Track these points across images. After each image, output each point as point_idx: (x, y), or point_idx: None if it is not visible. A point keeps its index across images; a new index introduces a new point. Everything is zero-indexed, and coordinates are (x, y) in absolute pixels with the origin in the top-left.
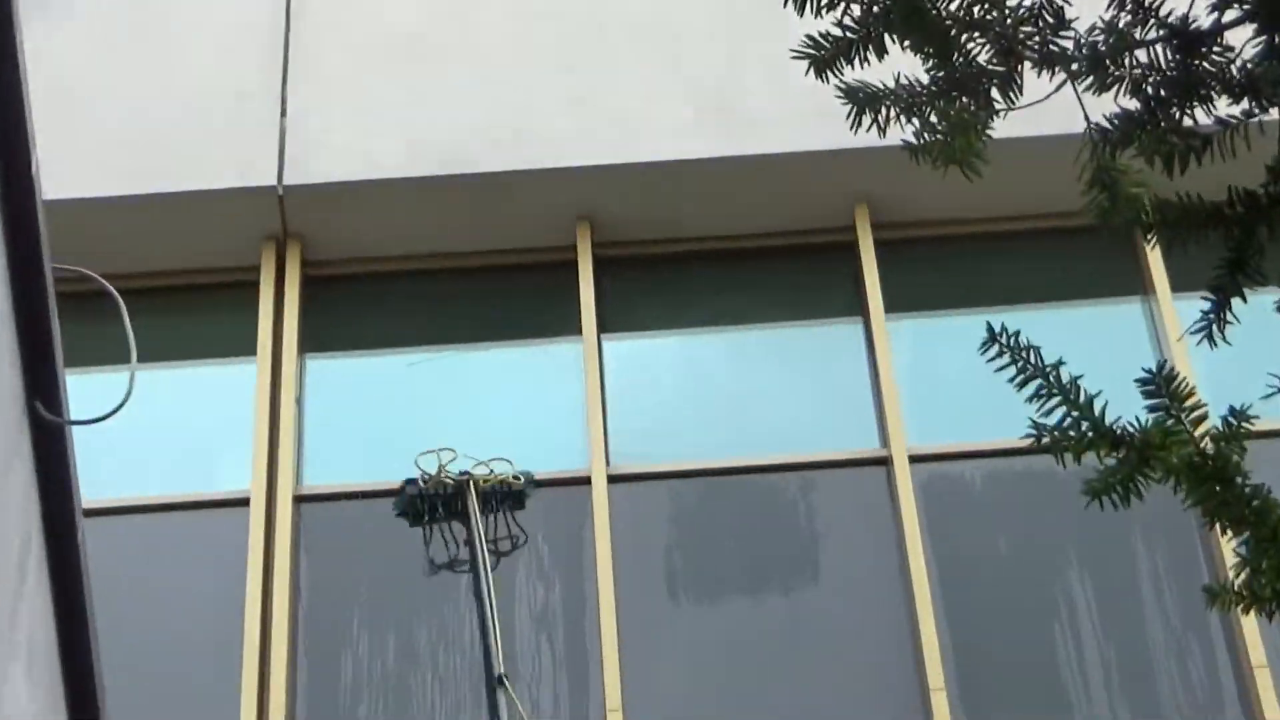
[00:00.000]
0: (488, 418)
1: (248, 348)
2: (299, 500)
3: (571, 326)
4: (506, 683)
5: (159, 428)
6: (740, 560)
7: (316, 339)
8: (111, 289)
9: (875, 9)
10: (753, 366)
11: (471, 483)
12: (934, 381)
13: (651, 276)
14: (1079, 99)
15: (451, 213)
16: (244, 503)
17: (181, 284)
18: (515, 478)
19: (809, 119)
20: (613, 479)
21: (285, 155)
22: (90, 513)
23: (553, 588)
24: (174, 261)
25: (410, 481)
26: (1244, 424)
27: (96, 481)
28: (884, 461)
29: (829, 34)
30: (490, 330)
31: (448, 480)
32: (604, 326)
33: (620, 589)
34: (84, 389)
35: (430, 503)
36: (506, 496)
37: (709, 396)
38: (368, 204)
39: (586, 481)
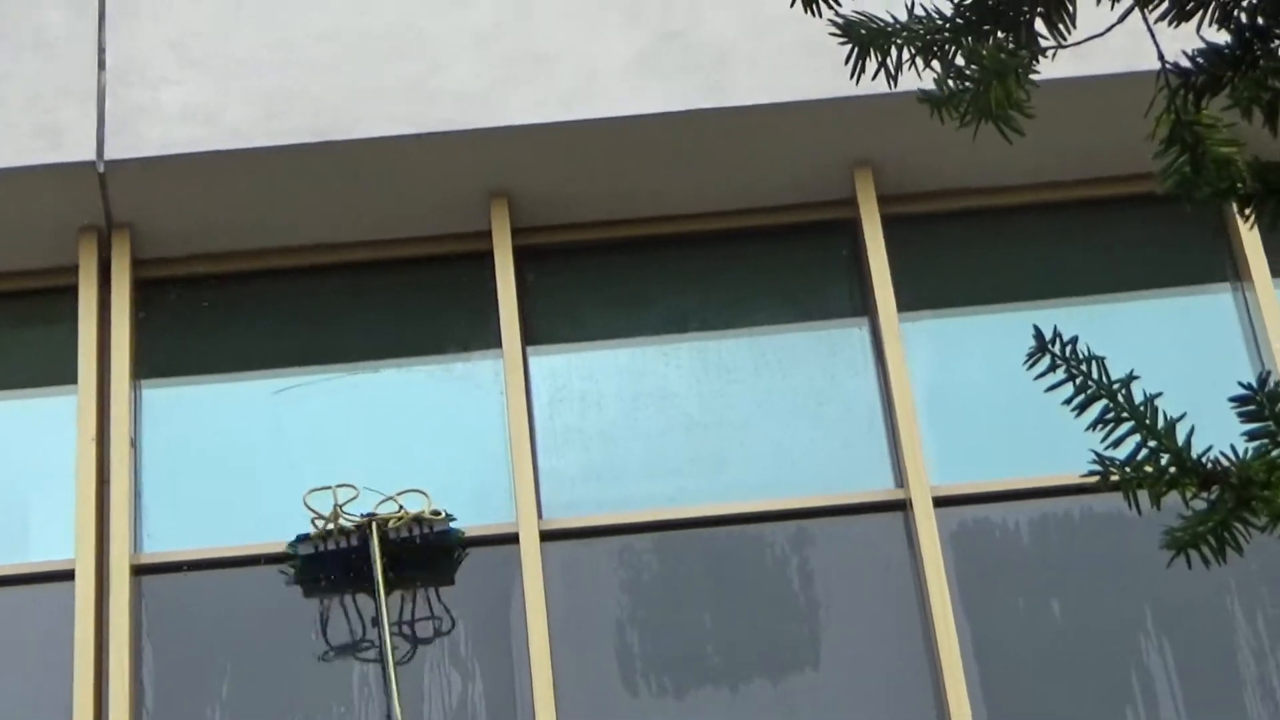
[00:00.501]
0: (381, 459)
1: (64, 374)
2: (138, 571)
3: (487, 337)
4: None
5: None
6: (718, 639)
7: (155, 361)
8: None
9: None
10: (727, 385)
11: (374, 527)
12: (963, 401)
13: (590, 270)
14: (1150, 30)
15: (326, 193)
16: (66, 576)
17: None
18: (435, 513)
19: (795, 61)
20: (547, 535)
21: (105, 120)
22: None
23: (472, 679)
24: None
25: (302, 539)
26: None
27: None
28: (901, 506)
29: None
30: (382, 345)
31: (346, 524)
32: (530, 336)
33: (560, 680)
34: None
35: (325, 561)
36: (424, 545)
37: (670, 425)
38: (216, 183)
39: (513, 539)
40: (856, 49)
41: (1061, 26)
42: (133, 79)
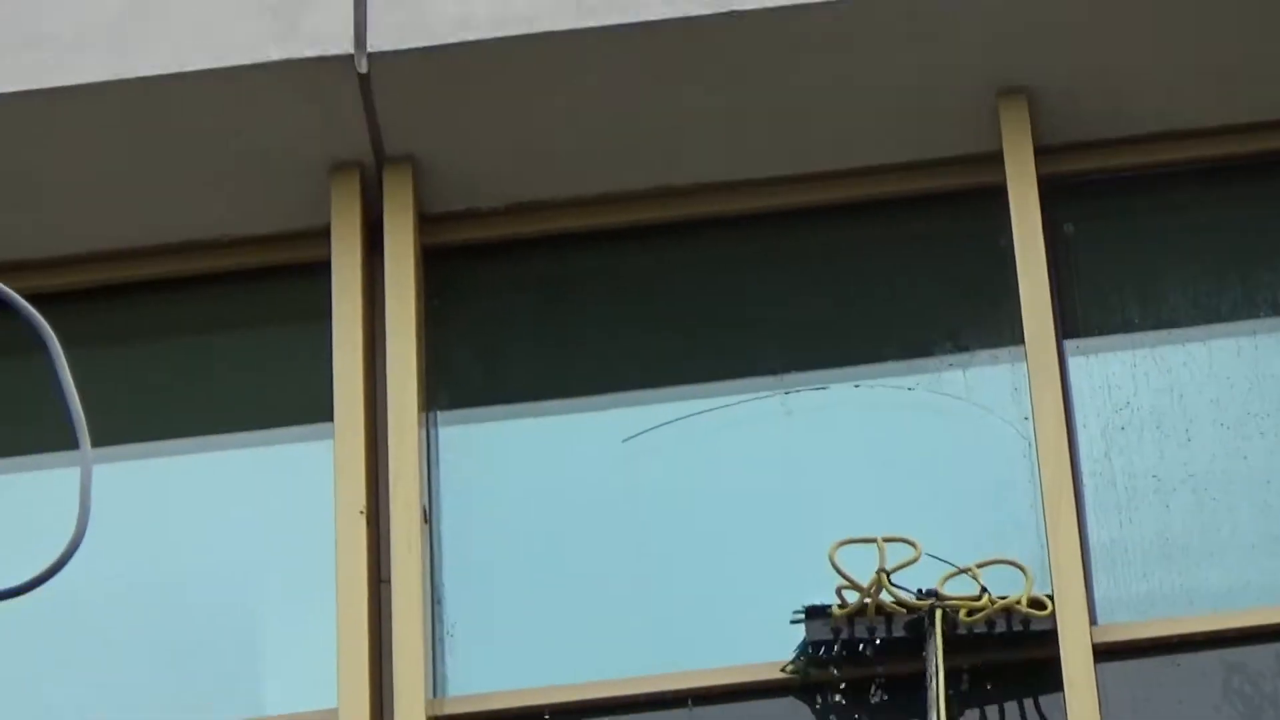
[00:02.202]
0: (817, 528)
1: (312, 406)
2: None
3: (998, 323)
4: None
5: (142, 590)
6: None
7: (461, 381)
8: (28, 308)
9: None
10: None
11: (940, 617)
12: None
13: (1169, 211)
14: None
15: (732, 97)
16: None
17: (162, 277)
18: (1037, 603)
19: None
20: (1105, 651)
21: None
22: None
23: None
24: (147, 234)
25: (816, 611)
26: None
27: (22, 710)
28: None
29: None
30: (820, 344)
31: (894, 604)
32: (1070, 321)
33: None
34: None
35: (850, 657)
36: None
37: None
38: (556, 86)
39: (1048, 660)
40: None
41: None
42: None
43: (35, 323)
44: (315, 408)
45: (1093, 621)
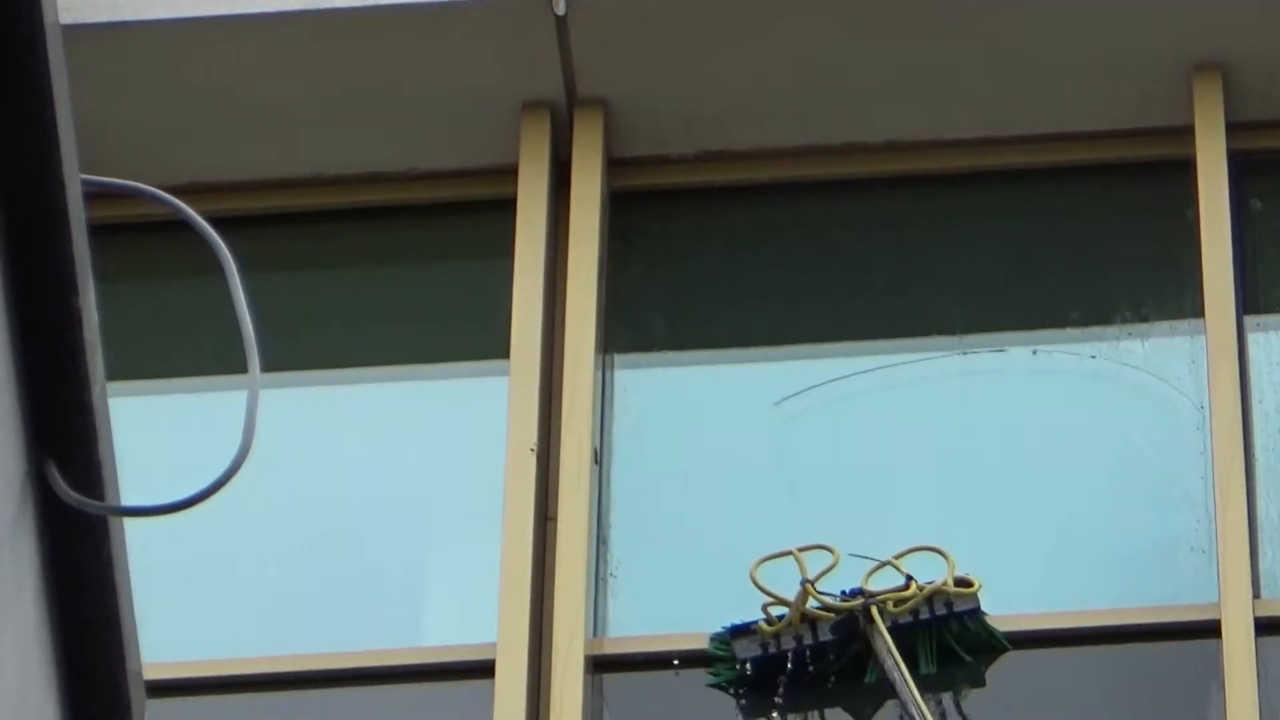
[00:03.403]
0: (986, 492)
1: (488, 341)
2: (599, 666)
3: (1178, 295)
4: None
5: (309, 516)
6: None
7: (675, 323)
8: (208, 230)
9: None
10: None
11: (876, 616)
12: None
13: None
14: None
15: (927, 56)
16: (482, 670)
17: (347, 206)
18: (963, 582)
19: None
20: (1268, 625)
21: None
22: (170, 688)
23: None
24: (335, 162)
25: (739, 630)
26: None
27: (180, 629)
28: None
29: None
30: (994, 307)
31: (821, 610)
32: (1253, 297)
33: None
34: (152, 435)
35: (789, 666)
36: (960, 637)
37: None
38: (751, 36)
39: (1210, 630)
40: None
41: None
42: None
43: (215, 245)
44: (493, 343)
45: (1256, 595)
